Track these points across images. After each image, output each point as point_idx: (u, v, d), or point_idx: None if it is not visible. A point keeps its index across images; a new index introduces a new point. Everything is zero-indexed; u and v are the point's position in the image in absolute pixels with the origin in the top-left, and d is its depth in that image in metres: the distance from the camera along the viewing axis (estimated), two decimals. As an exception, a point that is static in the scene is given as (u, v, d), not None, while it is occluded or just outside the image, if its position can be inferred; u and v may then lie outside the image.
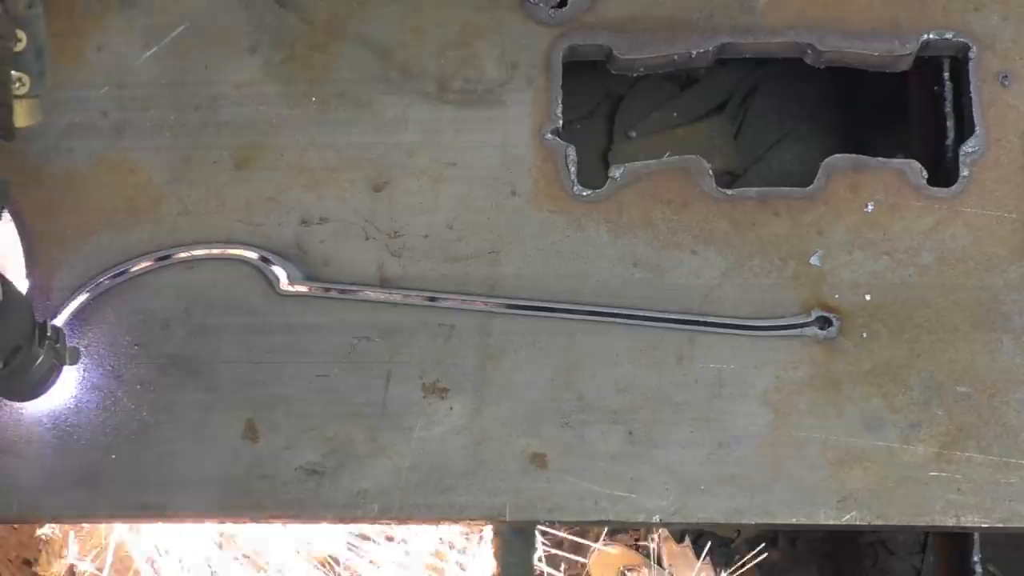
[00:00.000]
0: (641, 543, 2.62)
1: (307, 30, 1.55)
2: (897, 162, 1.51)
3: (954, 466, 1.42)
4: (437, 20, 1.57)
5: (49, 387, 1.39)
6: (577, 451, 1.43)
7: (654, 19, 1.55)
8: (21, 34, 1.19)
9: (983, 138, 1.50)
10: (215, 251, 1.49)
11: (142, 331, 1.48)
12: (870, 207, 1.49)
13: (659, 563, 2.72)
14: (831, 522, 1.41)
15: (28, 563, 2.36)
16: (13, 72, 1.20)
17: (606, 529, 2.54)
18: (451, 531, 2.20)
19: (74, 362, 1.41)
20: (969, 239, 1.47)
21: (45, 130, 1.52)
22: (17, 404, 1.44)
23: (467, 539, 2.15)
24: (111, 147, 1.53)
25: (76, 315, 1.48)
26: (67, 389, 1.46)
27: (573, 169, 1.51)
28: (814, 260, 1.48)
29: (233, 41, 1.55)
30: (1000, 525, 1.41)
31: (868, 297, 1.46)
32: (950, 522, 1.41)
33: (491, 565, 1.59)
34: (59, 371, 1.39)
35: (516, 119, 1.53)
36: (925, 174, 1.50)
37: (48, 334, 1.34)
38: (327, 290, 1.47)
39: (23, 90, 1.20)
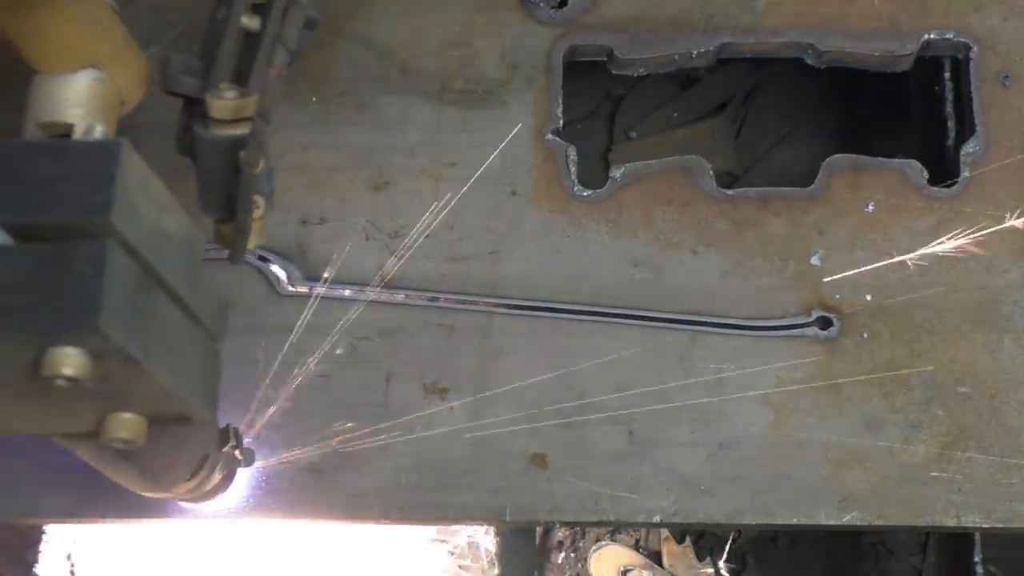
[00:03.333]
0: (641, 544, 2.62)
1: (307, 30, 1.55)
2: (897, 162, 1.51)
3: (955, 466, 1.41)
4: (437, 20, 1.57)
5: (224, 490, 1.34)
6: (577, 451, 1.43)
7: (655, 19, 1.55)
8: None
9: (983, 138, 1.50)
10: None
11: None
12: (871, 207, 1.49)
13: (659, 563, 2.72)
14: (831, 522, 1.40)
15: (28, 563, 2.37)
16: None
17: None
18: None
19: (249, 464, 1.35)
20: (969, 239, 1.47)
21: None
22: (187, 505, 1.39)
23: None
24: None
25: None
26: (238, 490, 1.41)
27: (573, 169, 1.51)
28: (814, 260, 1.48)
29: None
30: (1001, 525, 1.40)
31: (869, 297, 1.46)
32: (951, 522, 1.41)
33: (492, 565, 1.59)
34: (234, 474, 1.34)
35: (516, 119, 1.53)
36: (926, 174, 1.50)
37: (230, 439, 1.30)
38: (327, 290, 1.47)
39: (258, 213, 1.13)
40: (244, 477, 1.44)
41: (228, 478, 1.33)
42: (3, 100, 1.19)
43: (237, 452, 1.31)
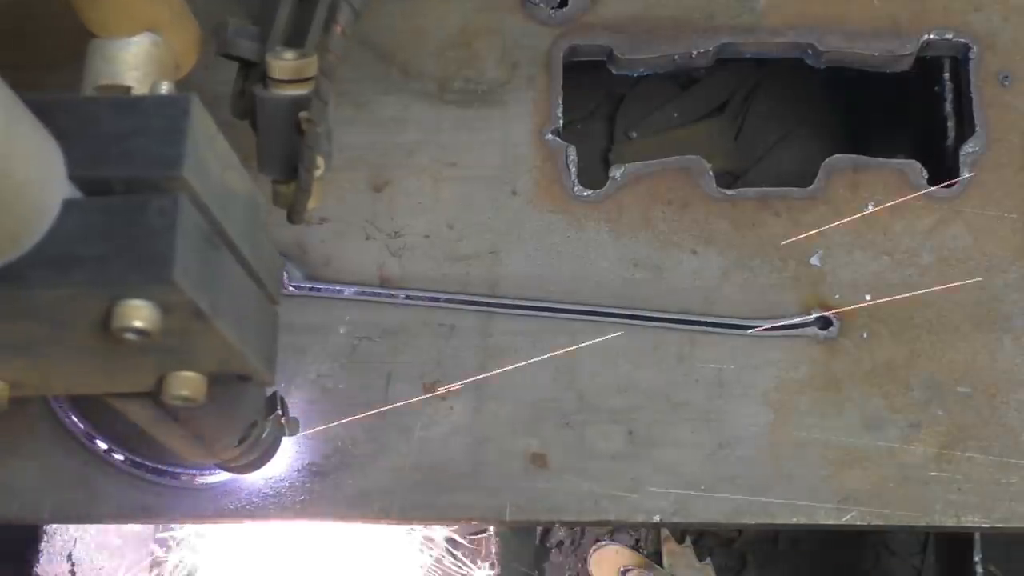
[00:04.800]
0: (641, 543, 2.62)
1: (307, 30, 1.55)
2: (897, 162, 1.51)
3: (954, 466, 1.41)
4: (437, 20, 1.57)
5: (269, 460, 1.34)
6: (577, 451, 1.43)
7: (655, 19, 1.55)
8: None
9: (983, 138, 1.50)
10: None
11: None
12: (870, 207, 1.49)
13: (659, 563, 2.72)
14: (831, 522, 1.40)
15: (28, 563, 2.37)
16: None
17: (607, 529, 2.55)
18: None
19: (294, 433, 1.36)
20: (969, 239, 1.47)
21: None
22: (235, 475, 1.39)
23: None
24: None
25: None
26: (282, 459, 1.41)
27: (573, 169, 1.51)
28: (814, 260, 1.48)
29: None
30: (1001, 525, 1.41)
31: (868, 297, 1.46)
32: (951, 522, 1.41)
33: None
34: (279, 443, 1.34)
35: (516, 119, 1.53)
36: (925, 174, 1.50)
37: (276, 406, 1.29)
38: (327, 290, 1.47)
39: (319, 173, 1.13)
40: (243, 477, 1.44)
41: (274, 447, 1.33)
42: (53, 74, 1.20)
43: (283, 420, 1.32)
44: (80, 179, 0.78)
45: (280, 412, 1.31)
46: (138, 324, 0.75)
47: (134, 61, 1.10)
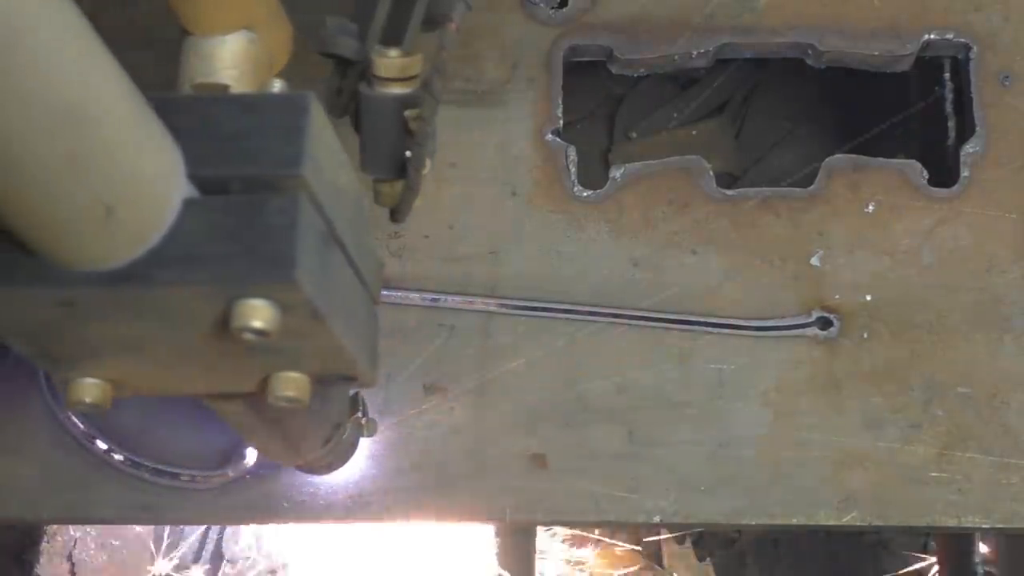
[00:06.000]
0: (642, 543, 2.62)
1: (307, 30, 1.55)
2: (897, 162, 1.51)
3: (955, 467, 1.41)
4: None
5: (347, 461, 1.34)
6: (577, 451, 1.43)
7: (655, 19, 1.55)
8: None
9: (984, 138, 1.50)
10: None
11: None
12: (871, 207, 1.49)
13: (659, 563, 2.72)
14: (832, 522, 1.40)
15: (28, 563, 2.37)
16: None
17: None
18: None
19: (371, 434, 1.36)
20: (970, 239, 1.47)
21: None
22: (311, 476, 1.40)
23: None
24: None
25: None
26: (358, 461, 1.41)
27: (573, 169, 1.51)
28: (814, 260, 1.48)
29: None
30: (1001, 526, 1.41)
31: (869, 297, 1.46)
32: (951, 522, 1.41)
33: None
34: (358, 443, 1.34)
35: (516, 119, 1.53)
36: (926, 174, 1.50)
37: (359, 407, 1.29)
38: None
39: (425, 171, 1.11)
40: (244, 478, 1.44)
41: (353, 448, 1.33)
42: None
43: (363, 421, 1.31)
44: (198, 178, 0.77)
45: (360, 413, 1.31)
46: (257, 324, 0.74)
47: (231, 59, 1.08)
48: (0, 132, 0.59)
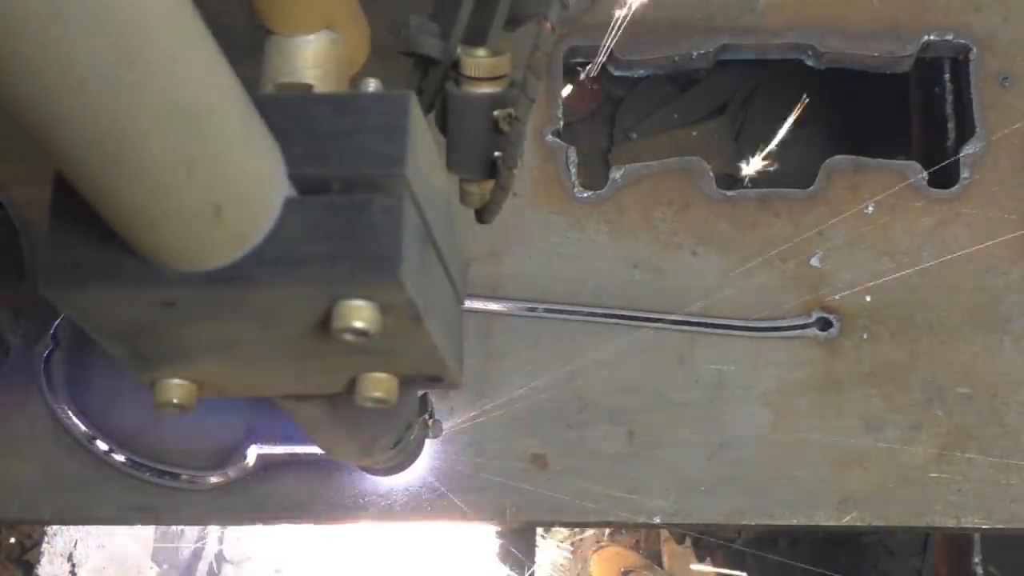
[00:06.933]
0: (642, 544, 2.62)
1: (308, 31, 1.55)
2: (897, 163, 1.51)
3: (954, 467, 1.41)
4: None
5: (413, 463, 1.34)
6: (577, 452, 1.43)
7: (655, 20, 1.55)
8: None
9: (983, 139, 1.50)
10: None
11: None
12: (870, 208, 1.49)
13: (659, 563, 2.72)
14: (831, 523, 1.40)
15: (28, 563, 2.37)
16: None
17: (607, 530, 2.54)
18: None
19: (437, 435, 1.36)
20: (970, 240, 1.47)
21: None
22: (372, 475, 1.40)
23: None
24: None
25: (77, 315, 1.47)
26: (422, 463, 1.42)
27: (573, 170, 1.51)
28: (814, 261, 1.48)
29: (232, 40, 1.55)
30: (1001, 526, 1.41)
31: (868, 298, 1.46)
32: (951, 523, 1.41)
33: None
34: (423, 444, 1.34)
35: (516, 120, 1.52)
36: (925, 175, 1.50)
37: (428, 408, 1.28)
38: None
39: (515, 171, 1.11)
40: (242, 479, 1.44)
41: (419, 449, 1.32)
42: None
43: (430, 422, 1.31)
44: (297, 177, 0.76)
45: (428, 414, 1.30)
46: (359, 324, 0.74)
47: (314, 59, 1.08)
48: (124, 132, 0.58)
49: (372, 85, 0.93)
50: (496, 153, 1.07)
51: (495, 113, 1.05)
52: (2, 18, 0.49)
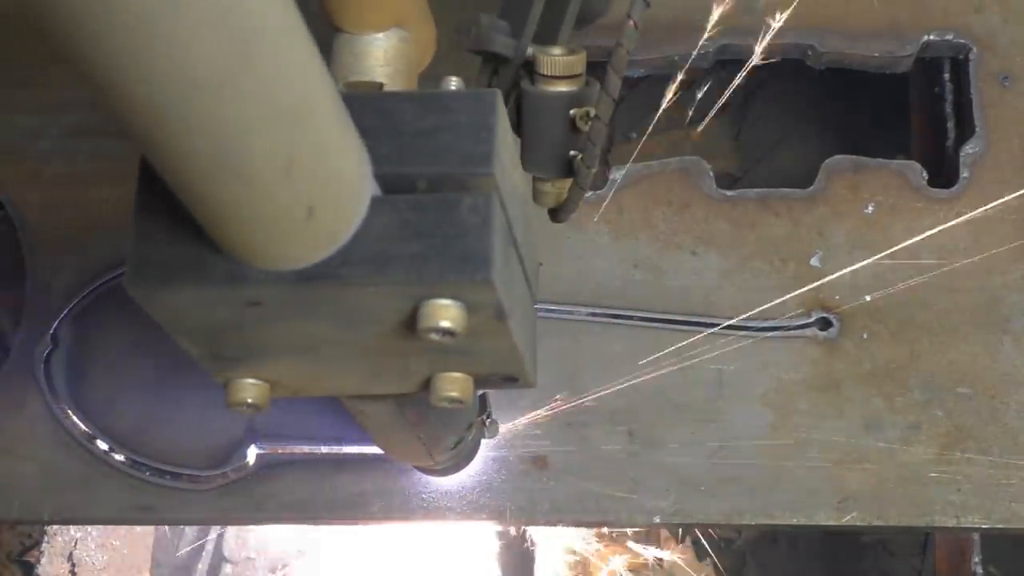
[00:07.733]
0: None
1: (308, 30, 1.55)
2: (897, 163, 1.51)
3: (954, 467, 1.41)
4: (437, 21, 1.56)
5: (469, 463, 1.34)
6: (577, 451, 1.43)
7: (655, 20, 1.55)
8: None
9: (983, 139, 1.50)
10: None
11: (144, 331, 1.48)
12: (870, 208, 1.49)
13: (659, 563, 2.72)
14: (831, 523, 1.40)
15: (28, 563, 2.37)
16: None
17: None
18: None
19: (493, 435, 1.35)
20: (970, 240, 1.47)
21: (48, 129, 1.52)
22: (433, 477, 1.40)
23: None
24: (114, 147, 1.53)
25: (78, 315, 1.48)
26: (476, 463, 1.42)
27: (573, 170, 1.51)
28: (814, 261, 1.48)
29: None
30: (1000, 526, 1.41)
31: (868, 297, 1.46)
32: (950, 523, 1.41)
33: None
34: (479, 445, 1.34)
35: (517, 120, 1.52)
36: (925, 175, 1.50)
37: (486, 408, 1.28)
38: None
39: (593, 171, 1.09)
40: (242, 479, 1.44)
41: (475, 449, 1.32)
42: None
43: (487, 422, 1.31)
44: (383, 176, 0.75)
45: (486, 414, 1.30)
46: (446, 324, 0.73)
47: (384, 57, 1.07)
48: (232, 131, 0.58)
49: (454, 83, 0.92)
50: (572, 152, 1.06)
51: (571, 112, 1.04)
52: (126, 18, 0.49)
